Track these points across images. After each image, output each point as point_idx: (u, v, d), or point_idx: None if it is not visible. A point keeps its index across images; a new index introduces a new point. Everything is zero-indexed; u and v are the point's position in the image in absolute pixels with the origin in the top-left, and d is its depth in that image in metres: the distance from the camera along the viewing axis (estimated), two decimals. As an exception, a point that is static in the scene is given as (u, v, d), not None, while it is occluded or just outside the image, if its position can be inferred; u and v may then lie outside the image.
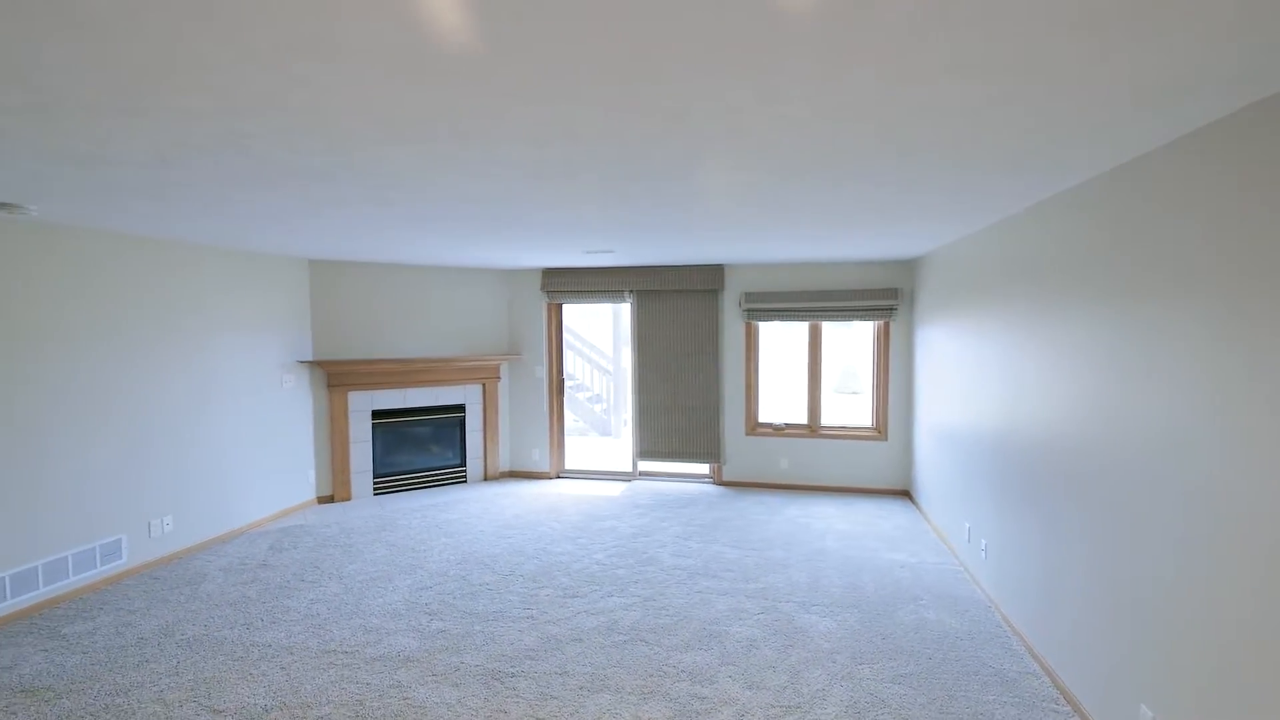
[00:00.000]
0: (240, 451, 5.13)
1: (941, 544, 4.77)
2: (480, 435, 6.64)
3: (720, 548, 4.72)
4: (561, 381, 6.81)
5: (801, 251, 5.35)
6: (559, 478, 6.80)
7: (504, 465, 6.84)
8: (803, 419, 6.44)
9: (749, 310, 6.22)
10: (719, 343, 6.34)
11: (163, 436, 4.54)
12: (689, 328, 6.39)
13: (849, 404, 11.11)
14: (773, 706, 2.78)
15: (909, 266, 6.02)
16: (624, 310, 9.55)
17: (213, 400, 4.91)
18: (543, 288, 6.59)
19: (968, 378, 4.19)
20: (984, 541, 3.88)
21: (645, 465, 6.78)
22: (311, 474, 5.86)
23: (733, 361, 6.37)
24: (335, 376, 5.87)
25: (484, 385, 6.63)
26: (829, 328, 6.26)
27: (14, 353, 3.66)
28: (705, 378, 6.36)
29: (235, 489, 5.08)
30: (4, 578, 3.64)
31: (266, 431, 5.38)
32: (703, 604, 3.78)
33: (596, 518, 5.45)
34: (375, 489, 6.13)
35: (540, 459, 6.79)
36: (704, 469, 6.63)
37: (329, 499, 5.93)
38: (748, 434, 6.37)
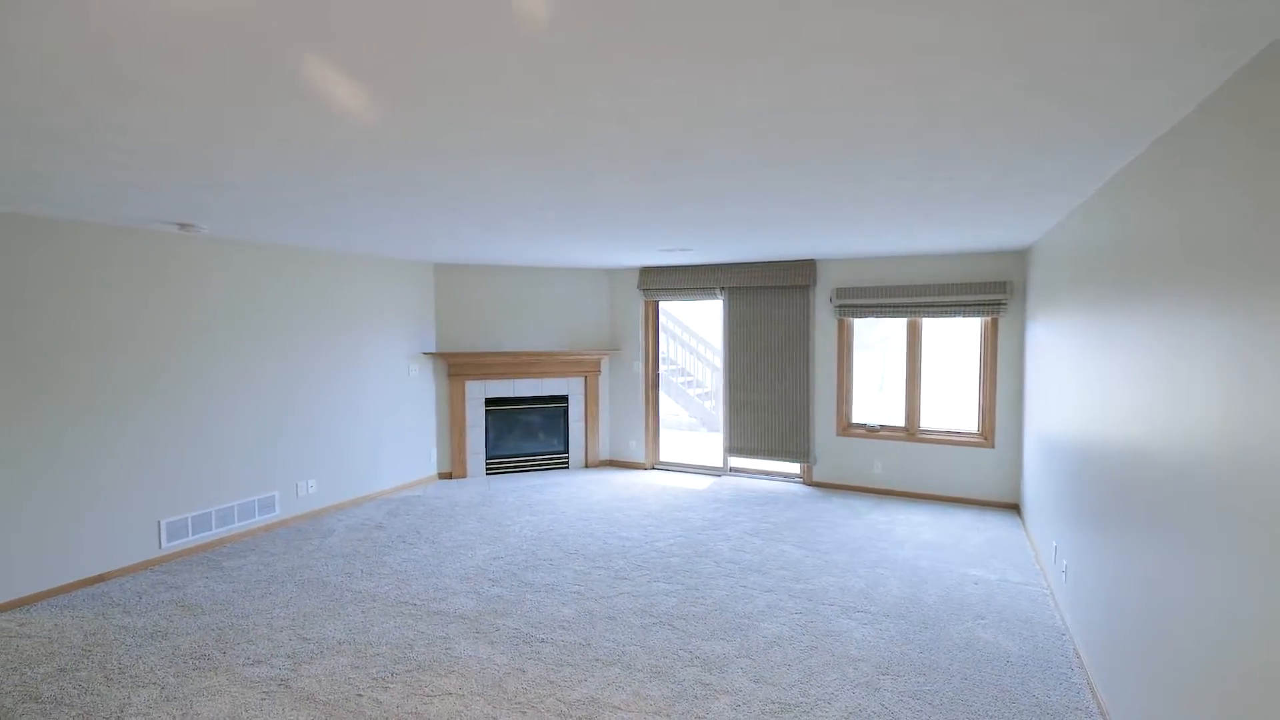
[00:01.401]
0: (371, 430, 5.92)
1: (1034, 563, 4.26)
2: (582, 425, 7.01)
3: (784, 546, 4.61)
4: (657, 376, 6.98)
5: (896, 243, 5.03)
6: (653, 469, 6.98)
7: (603, 454, 7.16)
8: (900, 421, 6.02)
9: (841, 306, 5.95)
10: (810, 340, 6.13)
11: (308, 414, 5.39)
12: (780, 324, 6.24)
13: (952, 407, 9.93)
14: (771, 703, 2.73)
15: (1019, 257, 5.40)
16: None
17: (350, 385, 5.72)
18: (639, 285, 6.80)
19: (1067, 378, 3.71)
20: (1065, 562, 3.43)
21: (737, 462, 6.74)
22: (434, 452, 6.59)
23: (824, 359, 6.12)
24: (454, 367, 6.53)
25: (586, 378, 6.99)
26: (929, 324, 5.82)
27: (204, 347, 4.59)
28: (796, 376, 6.19)
29: (366, 461, 5.88)
30: (187, 519, 4.58)
31: (394, 414, 6.15)
32: (743, 598, 3.76)
33: (674, 508, 5.55)
34: (487, 469, 6.74)
35: (636, 450, 7.02)
36: (794, 468, 6.44)
37: (448, 475, 6.63)
38: (839, 434, 6.09)
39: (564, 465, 6.99)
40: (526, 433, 6.97)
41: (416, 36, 1.38)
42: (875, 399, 10.22)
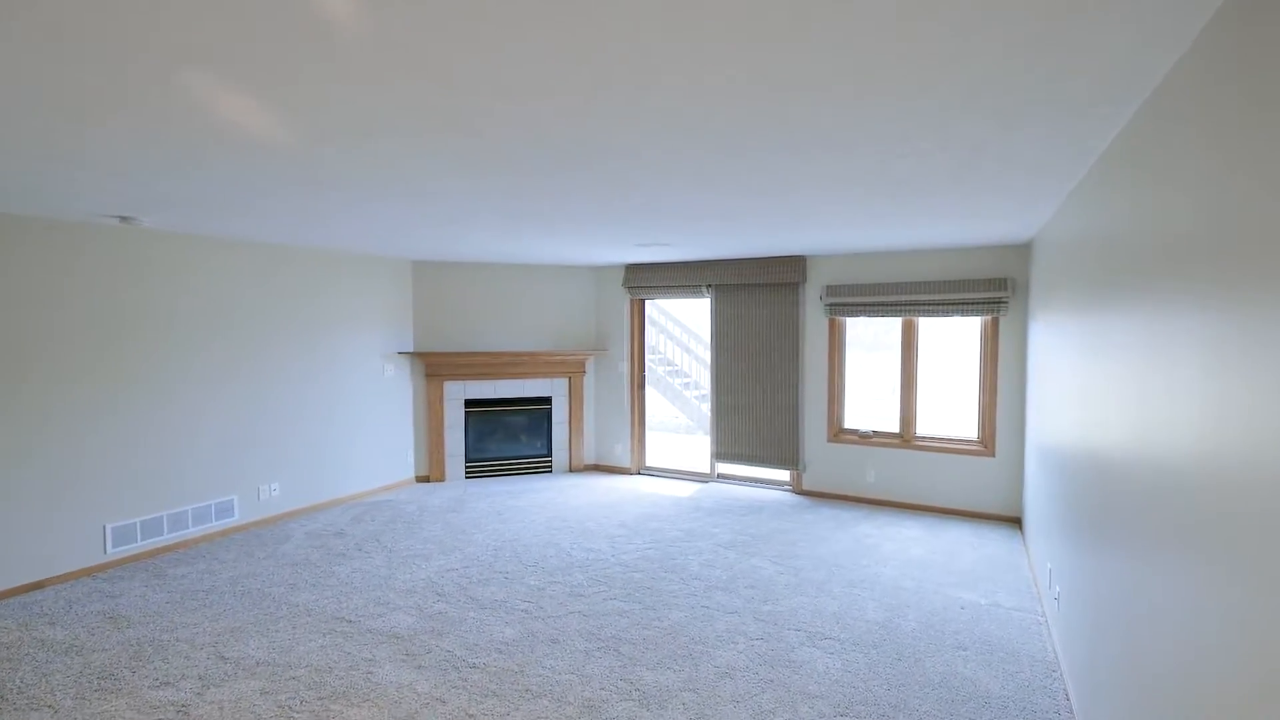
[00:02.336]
0: (342, 432, 5.69)
1: (1031, 586, 3.86)
2: (566, 428, 6.72)
3: (759, 562, 4.27)
4: (643, 378, 6.66)
5: (888, 237, 4.66)
6: (639, 474, 6.66)
7: (588, 458, 6.86)
8: (894, 427, 5.63)
9: (832, 305, 5.57)
10: (799, 340, 5.76)
11: (275, 414, 5.18)
12: (768, 324, 5.89)
13: (950, 412, 9.19)
14: (707, 748, 2.40)
15: (1021, 252, 4.98)
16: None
17: (321, 385, 5.50)
18: (624, 283, 6.49)
19: (1065, 382, 3.32)
20: (1059, 586, 3.05)
21: (725, 468, 6.38)
22: (411, 455, 6.35)
23: (814, 361, 5.75)
24: (432, 366, 6.29)
25: (570, 379, 6.70)
26: (926, 324, 5.43)
27: (158, 346, 4.38)
28: (785, 378, 5.82)
29: (337, 464, 5.66)
30: (135, 524, 4.38)
31: (368, 415, 5.92)
32: (703, 620, 3.42)
33: (651, 517, 5.23)
34: (467, 472, 6.48)
35: (622, 454, 6.70)
36: (784, 476, 6.08)
37: (425, 479, 6.38)
38: (830, 440, 5.71)
39: (547, 469, 6.71)
40: (508, 435, 6.70)
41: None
42: (871, 403, 9.69)
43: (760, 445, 5.96)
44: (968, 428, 5.94)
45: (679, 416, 10.13)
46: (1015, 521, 5.06)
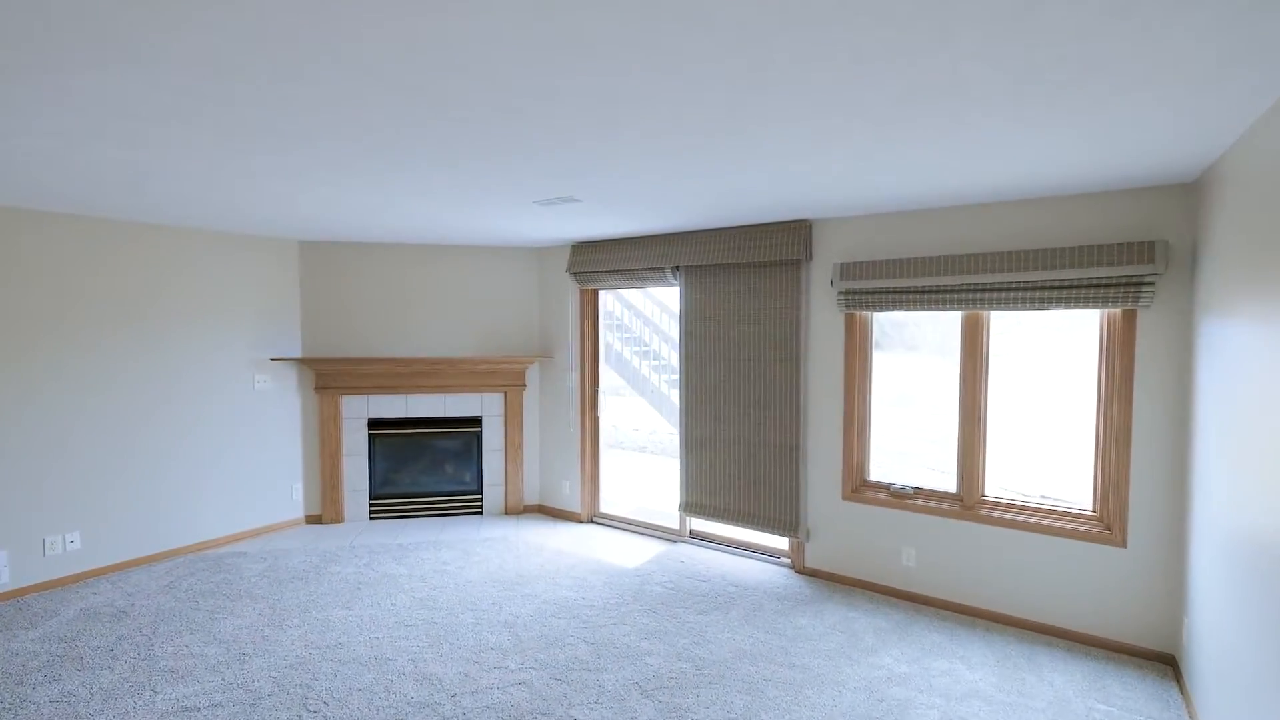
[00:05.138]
0: (190, 461, 4.14)
1: None
2: (500, 457, 4.93)
3: (680, 741, 2.29)
4: (595, 394, 4.76)
5: (943, 175, 2.59)
6: (592, 522, 4.76)
7: (530, 497, 5.03)
8: (947, 482, 3.46)
9: (849, 293, 3.48)
10: (800, 346, 3.70)
11: (85, 438, 3.67)
12: (756, 321, 3.85)
13: (1040, 465, 5.55)
14: None
15: (1181, 197, 2.71)
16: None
17: (161, 400, 3.97)
18: (570, 268, 4.62)
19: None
20: None
21: (701, 524, 4.37)
22: (299, 489, 4.74)
23: (823, 377, 3.66)
24: (323, 377, 4.66)
25: (505, 394, 4.90)
26: (1003, 321, 3.22)
27: None
28: (780, 401, 3.77)
29: (178, 504, 4.11)
30: None
31: (232, 439, 4.34)
32: None
33: (563, 611, 3.33)
34: (371, 512, 4.81)
35: (570, 495, 4.83)
36: (781, 542, 4.01)
37: (318, 519, 4.76)
38: (847, 497, 3.61)
39: (476, 510, 4.93)
40: (430, 465, 4.98)
41: None
42: (910, 441, 6.16)
43: (744, 499, 3.92)
44: (1075, 492, 3.66)
45: (657, 428, 7.89)
46: (1167, 661, 2.80)
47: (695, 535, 4.32)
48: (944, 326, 3.38)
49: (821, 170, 2.53)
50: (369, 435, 4.77)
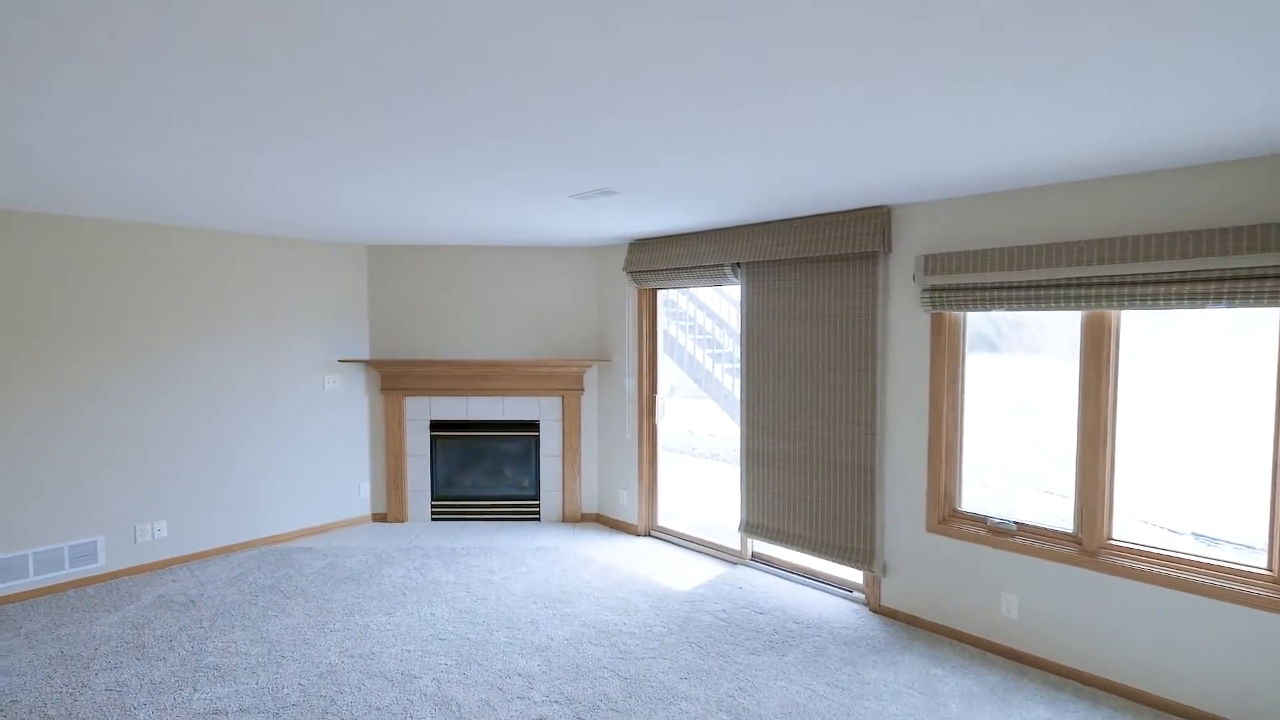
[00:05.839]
0: (262, 458, 4.28)
1: None
2: (558, 462, 4.74)
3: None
4: (654, 400, 4.43)
5: (1057, 132, 2.07)
6: (649, 535, 4.45)
7: (588, 505, 4.80)
8: (1062, 519, 2.81)
9: (936, 291, 2.92)
10: (876, 351, 3.17)
11: (170, 437, 3.89)
12: (825, 322, 3.37)
13: (1188, 498, 4.49)
14: None
15: None
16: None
17: (239, 402, 4.14)
18: (626, 267, 4.33)
19: None
20: None
21: (763, 546, 3.92)
22: (366, 488, 4.81)
23: (904, 387, 3.12)
24: (388, 379, 4.69)
25: (563, 398, 4.70)
26: (1136, 322, 2.56)
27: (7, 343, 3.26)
28: (853, 416, 3.27)
29: (251, 498, 4.26)
30: (-56, 573, 3.28)
31: (302, 437, 4.46)
32: None
33: (602, 637, 3.05)
34: (433, 513, 4.79)
35: (628, 505, 4.55)
36: (855, 574, 3.49)
37: (383, 517, 4.81)
38: (934, 529, 3.05)
39: (533, 516, 4.78)
40: (489, 469, 4.89)
41: None
42: (1010, 461, 5.11)
43: (810, 523, 3.45)
44: (1243, 537, 2.88)
45: (736, 436, 7.35)
46: (1378, 784, 2.06)
47: (757, 558, 3.90)
48: (1071, 325, 2.75)
49: (900, 139, 2.05)
50: (431, 437, 4.75)
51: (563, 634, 3.07)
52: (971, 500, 3.10)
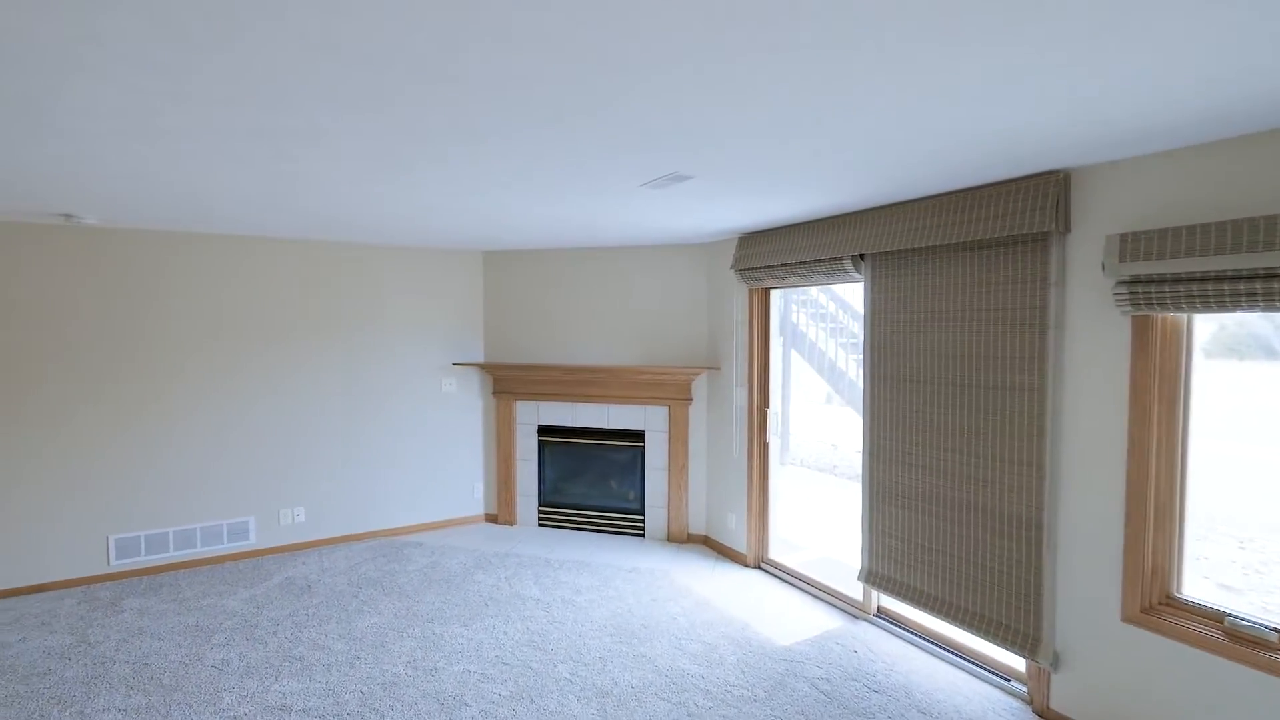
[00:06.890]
0: (385, 456, 4.49)
1: None
2: (664, 477, 4.36)
3: None
4: (765, 414, 3.84)
5: None
6: (758, 568, 3.88)
7: (695, 526, 4.35)
8: (1375, 637, 1.77)
9: (1136, 284, 2.04)
10: (1046, 365, 2.33)
11: (306, 433, 4.25)
12: (973, 328, 2.58)
13: None
14: None
15: None
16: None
17: (365, 402, 4.41)
18: (735, 265, 3.81)
19: None
20: None
21: (891, 602, 3.15)
22: (480, 489, 4.86)
23: (1090, 416, 2.24)
24: (499, 382, 4.68)
25: (670, 408, 4.31)
26: None
27: (168, 353, 3.80)
28: (1008, 447, 2.45)
29: (374, 493, 4.48)
30: (140, 538, 3.84)
31: (421, 438, 4.62)
32: None
33: (675, 693, 2.62)
34: (540, 519, 4.69)
35: (736, 531, 4.02)
36: (1016, 661, 2.63)
37: (494, 519, 4.82)
38: (1133, 618, 2.14)
39: (638, 531, 4.45)
40: (595, 478, 4.67)
41: None
42: (1253, 519, 3.75)
43: (952, 585, 2.67)
44: None
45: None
46: None
47: (884, 614, 3.16)
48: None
49: (1103, 56, 1.36)
50: (539, 442, 4.66)
51: (629, 679, 2.69)
52: (1198, 582, 2.13)
